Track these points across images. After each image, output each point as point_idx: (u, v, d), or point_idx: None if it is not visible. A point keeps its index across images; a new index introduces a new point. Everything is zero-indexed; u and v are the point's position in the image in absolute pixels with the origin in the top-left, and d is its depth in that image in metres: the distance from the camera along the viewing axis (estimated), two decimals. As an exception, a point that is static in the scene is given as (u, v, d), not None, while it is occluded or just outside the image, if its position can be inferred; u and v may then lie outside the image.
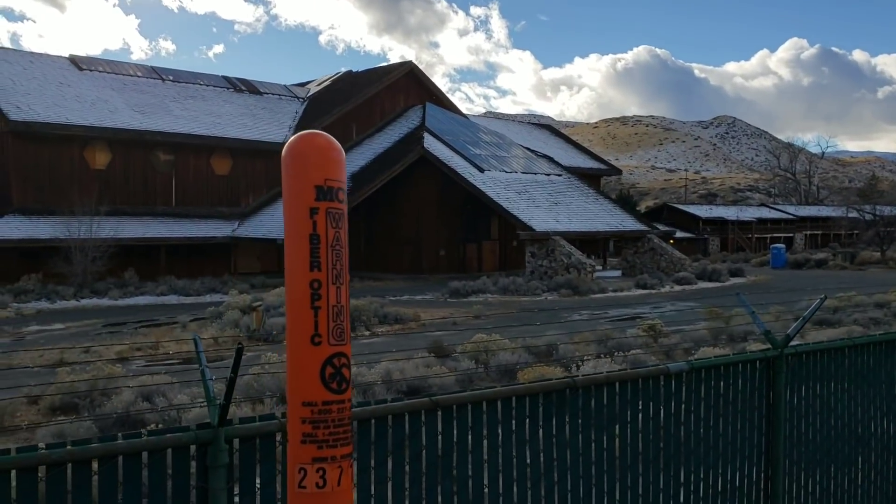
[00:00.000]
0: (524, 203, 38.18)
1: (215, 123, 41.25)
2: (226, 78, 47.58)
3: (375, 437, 3.09)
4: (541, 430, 3.52)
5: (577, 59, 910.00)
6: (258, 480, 2.88)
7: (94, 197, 32.92)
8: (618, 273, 40.71)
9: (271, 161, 42.14)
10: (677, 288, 34.06)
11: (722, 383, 4.32)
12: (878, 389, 5.22)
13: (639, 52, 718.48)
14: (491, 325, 19.02)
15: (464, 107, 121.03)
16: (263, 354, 14.12)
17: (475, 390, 3.41)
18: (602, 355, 14.23)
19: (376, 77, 47.95)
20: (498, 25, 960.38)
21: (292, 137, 2.75)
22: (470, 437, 3.28)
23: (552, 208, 39.14)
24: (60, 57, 41.86)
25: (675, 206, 78.02)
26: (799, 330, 4.47)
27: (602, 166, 58.91)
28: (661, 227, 50.06)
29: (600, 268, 42.12)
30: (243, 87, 47.05)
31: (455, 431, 3.24)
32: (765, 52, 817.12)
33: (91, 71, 40.87)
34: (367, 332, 20.59)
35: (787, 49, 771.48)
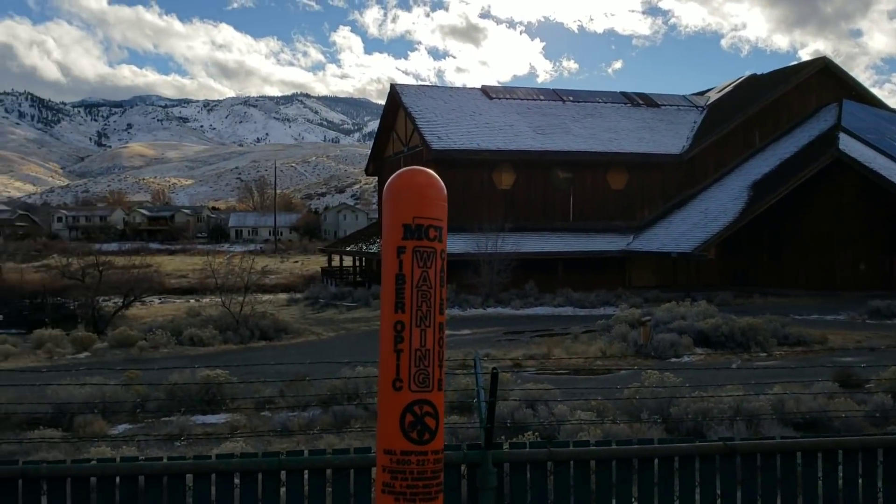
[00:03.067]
0: (972, 209, 31.87)
1: (612, 139, 42.04)
2: (623, 94, 48.26)
3: (659, 480, 2.73)
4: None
5: None
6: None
7: (500, 215, 35.91)
8: None
9: (667, 173, 41.62)
10: None
11: None
12: None
13: None
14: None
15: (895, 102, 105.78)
16: (645, 371, 13.86)
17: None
18: None
19: (783, 78, 44.36)
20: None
21: (392, 175, 2.65)
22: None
23: None
24: (474, 88, 46.59)
25: None
26: None
27: None
28: None
29: None
30: (640, 101, 47.21)
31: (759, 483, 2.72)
32: None
33: (499, 99, 44.70)
34: (763, 354, 19.01)
35: None
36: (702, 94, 50.85)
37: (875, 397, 12.02)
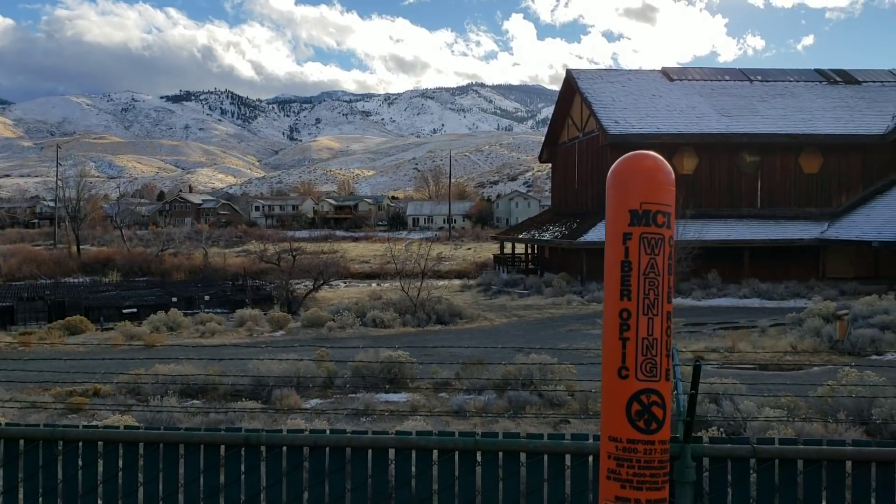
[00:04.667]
0: None
1: (804, 120, 39.19)
2: (818, 71, 44.80)
3: (877, 486, 2.53)
4: None
5: None
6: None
7: (681, 201, 34.54)
8: None
9: (868, 156, 38.24)
10: None
11: None
12: None
13: None
14: None
15: None
16: (842, 369, 12.88)
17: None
18: None
19: None
20: None
21: (618, 160, 2.61)
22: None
23: None
24: (653, 71, 45.03)
25: None
26: None
27: None
28: None
29: None
30: (838, 79, 43.60)
31: None
32: None
33: (681, 80, 42.93)
34: None
35: None
36: (912, 67, 46.14)
37: None
